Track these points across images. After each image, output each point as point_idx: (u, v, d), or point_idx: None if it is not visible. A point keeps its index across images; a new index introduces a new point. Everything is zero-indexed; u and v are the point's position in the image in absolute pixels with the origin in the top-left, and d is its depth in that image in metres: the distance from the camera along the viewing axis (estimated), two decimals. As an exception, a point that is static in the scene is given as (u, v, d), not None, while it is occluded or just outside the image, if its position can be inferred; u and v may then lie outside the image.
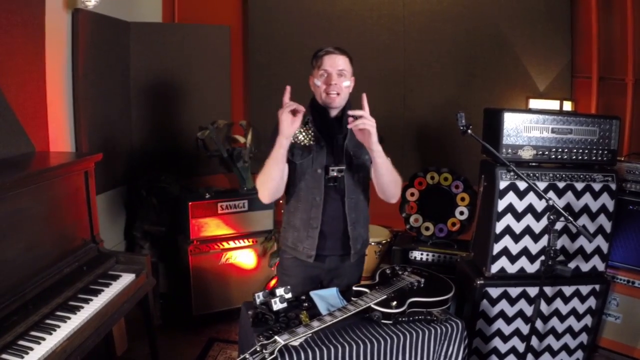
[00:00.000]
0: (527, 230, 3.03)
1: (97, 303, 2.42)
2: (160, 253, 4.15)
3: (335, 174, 2.47)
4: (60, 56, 3.41)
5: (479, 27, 4.51)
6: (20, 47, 2.93)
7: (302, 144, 2.52)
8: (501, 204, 2.99)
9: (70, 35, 3.50)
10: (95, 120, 3.79)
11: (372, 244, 4.03)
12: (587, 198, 3.06)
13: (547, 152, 3.05)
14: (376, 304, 2.16)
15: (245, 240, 4.01)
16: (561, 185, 3.03)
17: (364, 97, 2.37)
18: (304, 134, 2.54)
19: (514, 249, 3.04)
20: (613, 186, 3.07)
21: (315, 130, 2.52)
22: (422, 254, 4.01)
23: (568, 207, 3.03)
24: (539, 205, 3.00)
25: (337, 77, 2.44)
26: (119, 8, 4.15)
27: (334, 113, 2.54)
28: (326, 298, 2.34)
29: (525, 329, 3.11)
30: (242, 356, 1.76)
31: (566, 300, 3.13)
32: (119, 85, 4.22)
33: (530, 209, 3.01)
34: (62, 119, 3.46)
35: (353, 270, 2.68)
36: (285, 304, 2.22)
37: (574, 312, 3.15)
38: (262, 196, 2.49)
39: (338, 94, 2.45)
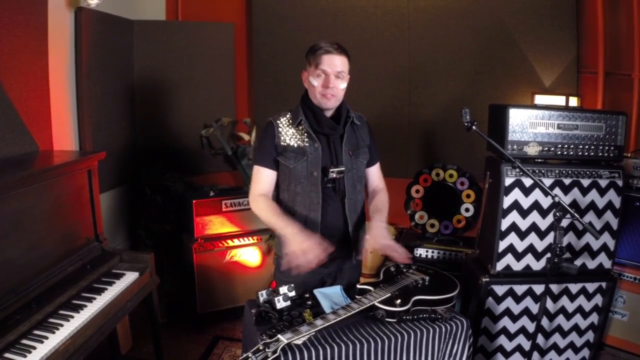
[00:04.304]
0: (533, 227, 3.00)
1: (100, 302, 2.42)
2: (164, 251, 4.15)
3: (335, 175, 2.40)
4: (63, 55, 3.41)
5: (484, 23, 4.48)
6: (23, 46, 2.93)
7: (295, 147, 2.43)
8: (507, 201, 2.97)
9: (73, 34, 3.50)
10: (99, 119, 3.79)
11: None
12: (593, 194, 3.03)
13: (552, 148, 3.02)
14: (380, 302, 2.15)
15: (250, 238, 4.01)
16: (567, 181, 3.00)
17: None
18: (296, 137, 2.44)
19: (520, 246, 3.02)
20: (620, 182, 3.04)
21: (310, 131, 2.42)
22: (427, 251, 3.99)
23: (574, 204, 3.00)
24: (545, 202, 2.97)
25: (334, 80, 2.36)
26: (122, 6, 4.15)
27: (329, 112, 2.47)
28: (330, 296, 2.33)
29: (531, 327, 3.09)
30: (244, 355, 1.75)
31: (572, 297, 3.10)
32: (123, 83, 4.22)
33: (536, 205, 2.98)
34: (65, 118, 3.46)
35: (353, 271, 2.63)
36: (288, 302, 2.21)
37: (580, 309, 3.13)
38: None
39: (334, 95, 2.38)
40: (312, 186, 2.42)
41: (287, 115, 2.50)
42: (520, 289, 3.06)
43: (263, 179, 2.50)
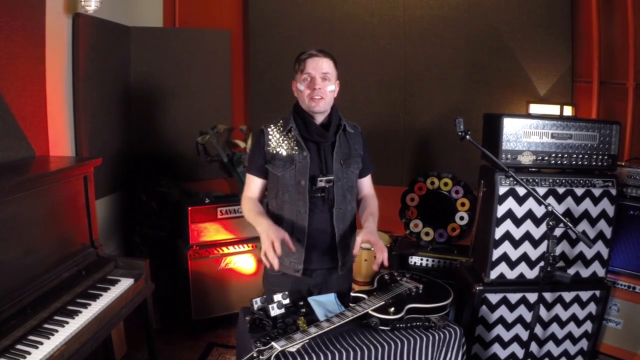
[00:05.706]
0: (527, 236, 3.01)
1: (95, 308, 2.42)
2: (160, 258, 4.14)
3: (323, 184, 2.39)
4: (60, 61, 3.43)
5: (479, 32, 4.51)
6: (20, 52, 2.94)
7: (283, 155, 2.43)
8: (500, 210, 2.98)
9: (70, 39, 3.52)
10: (96, 125, 3.80)
11: (372, 249, 4.03)
12: (587, 203, 3.04)
13: (546, 158, 3.03)
14: (374, 310, 2.15)
15: (245, 245, 4.00)
16: (561, 190, 3.01)
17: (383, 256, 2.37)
18: (286, 144, 2.44)
19: (514, 254, 3.03)
20: (613, 191, 3.05)
21: (299, 139, 2.41)
22: (421, 259, 4.00)
23: (568, 213, 3.02)
24: (539, 211, 2.98)
25: (321, 81, 2.36)
26: (120, 13, 4.17)
27: (319, 119, 2.45)
28: (324, 304, 2.34)
29: (524, 335, 3.10)
30: (238, 362, 1.76)
31: (566, 306, 3.11)
32: (120, 89, 4.23)
33: (529, 214, 2.99)
34: (62, 124, 3.47)
35: (342, 281, 2.60)
36: (282, 310, 2.21)
37: (574, 318, 3.14)
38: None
39: (322, 98, 2.37)
40: (300, 195, 2.42)
41: (279, 123, 2.51)
42: (514, 297, 3.06)
43: (252, 186, 2.55)
